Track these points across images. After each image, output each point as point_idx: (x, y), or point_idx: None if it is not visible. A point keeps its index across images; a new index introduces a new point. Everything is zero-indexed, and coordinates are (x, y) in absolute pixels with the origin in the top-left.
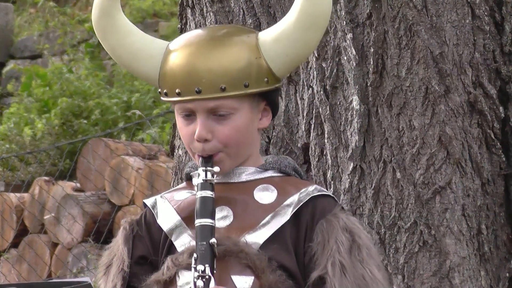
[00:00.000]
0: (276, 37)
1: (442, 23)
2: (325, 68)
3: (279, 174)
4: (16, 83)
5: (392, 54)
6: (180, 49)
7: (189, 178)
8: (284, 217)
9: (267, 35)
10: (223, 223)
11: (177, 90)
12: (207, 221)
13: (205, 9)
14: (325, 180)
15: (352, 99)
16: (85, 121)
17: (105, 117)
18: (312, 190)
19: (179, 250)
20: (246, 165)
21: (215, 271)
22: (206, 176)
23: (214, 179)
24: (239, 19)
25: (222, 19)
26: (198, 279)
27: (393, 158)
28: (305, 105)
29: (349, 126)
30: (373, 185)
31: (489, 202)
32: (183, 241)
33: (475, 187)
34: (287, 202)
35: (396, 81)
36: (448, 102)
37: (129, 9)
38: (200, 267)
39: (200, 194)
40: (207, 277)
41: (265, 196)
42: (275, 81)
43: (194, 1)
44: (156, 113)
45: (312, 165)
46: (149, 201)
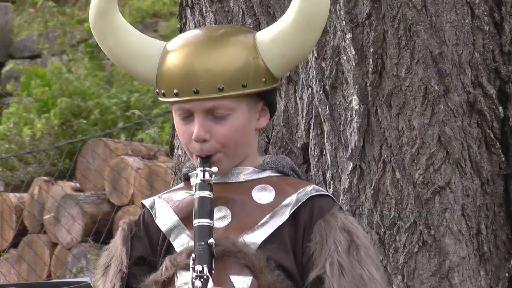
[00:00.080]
0: (274, 37)
1: (442, 23)
2: (325, 68)
3: (277, 174)
4: (16, 83)
5: (392, 54)
6: (177, 50)
7: (187, 179)
8: (282, 217)
9: (264, 35)
10: (221, 223)
11: (175, 91)
12: (205, 221)
13: (204, 9)
14: (324, 180)
15: (352, 99)
16: (84, 121)
17: (105, 117)
18: (310, 190)
19: (178, 250)
20: (244, 165)
21: (213, 271)
22: (204, 176)
23: (212, 179)
24: (238, 19)
25: (221, 19)
26: (196, 279)
27: (392, 158)
28: (305, 105)
29: (348, 126)
30: (373, 185)
31: (488, 202)
32: (182, 241)
33: (475, 187)
34: (285, 202)
35: (396, 81)
36: (447, 102)
37: (129, 9)
38: (198, 267)
39: (198, 194)
40: (205, 277)
41: (263, 196)
42: (272, 81)
43: (194, 1)
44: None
45: (312, 165)
46: (147, 202)
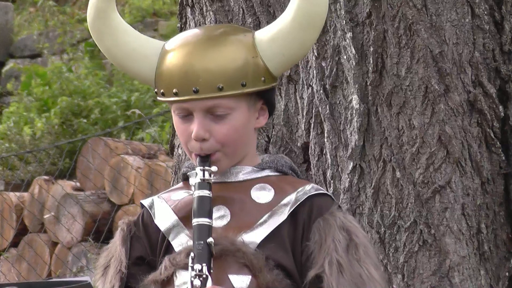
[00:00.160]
0: (273, 37)
1: (442, 22)
2: (325, 67)
3: (276, 173)
4: (16, 82)
5: (392, 53)
6: (176, 49)
7: (186, 178)
8: (281, 216)
9: (263, 35)
10: (220, 222)
11: (174, 90)
12: (205, 221)
13: (204, 8)
14: (324, 179)
15: (352, 98)
16: (84, 120)
17: (105, 116)
18: (309, 189)
19: (177, 250)
20: (243, 164)
21: (212, 271)
22: (204, 176)
23: (212, 179)
24: (238, 18)
25: (221, 18)
26: (195, 278)
27: (392, 157)
28: (305, 104)
29: (348, 125)
30: (373, 184)
31: (488, 201)
32: (181, 241)
33: (475, 186)
34: (284, 201)
35: (396, 80)
36: (447, 101)
37: (129, 8)
38: (197, 266)
39: (197, 193)
40: (204, 276)
41: (262, 195)
42: (272, 80)
43: (194, 0)
44: (155, 112)
45: (312, 164)
46: (146, 202)
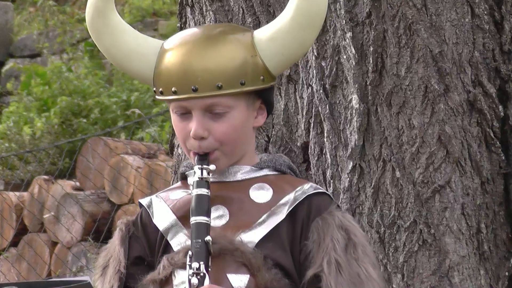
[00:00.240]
0: (272, 36)
1: (442, 22)
2: (325, 67)
3: (274, 173)
4: (16, 82)
5: (392, 53)
6: (175, 48)
7: (184, 178)
8: (280, 215)
9: (262, 34)
10: (219, 222)
11: (173, 89)
12: (203, 219)
13: (204, 8)
14: (324, 179)
15: (352, 98)
16: (84, 120)
17: (105, 116)
18: (307, 188)
19: (175, 249)
20: (241, 164)
21: (210, 269)
22: (202, 174)
23: (210, 177)
24: (238, 18)
25: (221, 18)
26: (193, 276)
27: (392, 157)
28: (305, 104)
29: (348, 125)
30: (373, 184)
31: (488, 201)
32: (179, 240)
33: (475, 186)
34: (282, 200)
35: (396, 80)
36: (447, 101)
37: (129, 8)
38: (195, 265)
39: (195, 192)
40: (201, 274)
41: (261, 194)
42: (270, 79)
43: (194, 0)
44: (155, 112)
45: (312, 164)
46: (144, 201)
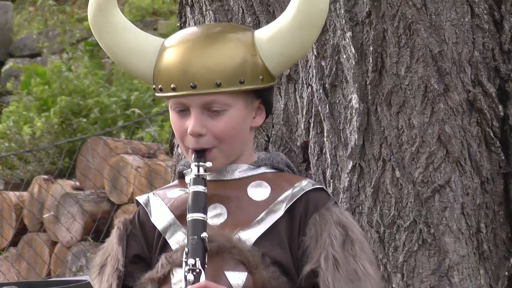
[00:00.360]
0: (272, 36)
1: (442, 21)
2: (324, 67)
3: (272, 170)
4: (15, 82)
5: (392, 53)
6: (175, 46)
7: (181, 176)
8: (278, 213)
9: (263, 34)
10: (217, 220)
11: (172, 85)
12: (199, 216)
13: (204, 8)
14: (324, 178)
15: (352, 98)
16: (84, 120)
17: (104, 116)
18: (305, 184)
19: (173, 248)
20: (239, 163)
21: (206, 266)
22: (199, 171)
23: (207, 174)
24: (238, 18)
25: (221, 18)
26: (189, 272)
27: (392, 157)
28: (305, 103)
29: (348, 125)
30: (373, 183)
31: (488, 201)
32: (177, 239)
33: (474, 186)
34: (280, 198)
35: (396, 80)
36: (447, 100)
37: (129, 7)
38: (190, 261)
39: (192, 189)
40: (197, 271)
41: (259, 192)
42: (270, 79)
43: None
44: (155, 111)
45: (312, 163)
46: (141, 199)
